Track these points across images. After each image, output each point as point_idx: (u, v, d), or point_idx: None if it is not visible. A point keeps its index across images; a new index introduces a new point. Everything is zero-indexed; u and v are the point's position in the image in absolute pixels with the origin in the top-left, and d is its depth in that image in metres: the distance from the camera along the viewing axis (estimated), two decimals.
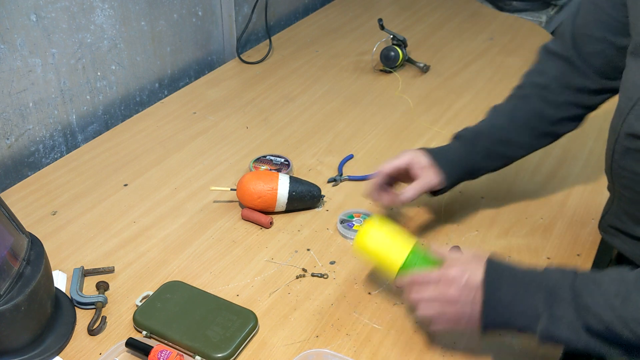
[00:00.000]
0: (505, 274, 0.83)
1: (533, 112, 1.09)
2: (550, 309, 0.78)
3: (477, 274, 0.83)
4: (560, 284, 0.79)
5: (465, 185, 1.29)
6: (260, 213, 1.18)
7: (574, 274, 0.80)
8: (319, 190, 1.22)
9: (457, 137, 1.13)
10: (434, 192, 1.12)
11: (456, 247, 1.00)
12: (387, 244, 0.92)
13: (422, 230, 1.17)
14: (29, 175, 1.33)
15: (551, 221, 1.19)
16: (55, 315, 0.95)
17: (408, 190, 1.07)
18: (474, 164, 1.11)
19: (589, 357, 1.12)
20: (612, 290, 0.75)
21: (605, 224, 1.06)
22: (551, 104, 1.08)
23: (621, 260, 1.10)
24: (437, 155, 1.08)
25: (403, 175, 1.10)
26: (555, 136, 1.13)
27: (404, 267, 0.90)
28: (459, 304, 0.84)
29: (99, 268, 1.07)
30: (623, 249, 1.02)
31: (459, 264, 0.85)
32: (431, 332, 0.95)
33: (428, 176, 1.07)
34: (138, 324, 0.96)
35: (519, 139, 1.10)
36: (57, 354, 0.92)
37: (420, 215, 1.21)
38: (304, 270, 1.08)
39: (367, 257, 0.95)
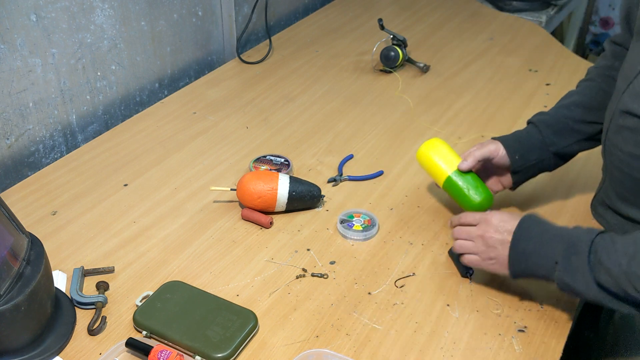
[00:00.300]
0: (535, 228, 0.93)
1: (598, 88, 1.13)
2: (566, 260, 0.87)
3: (512, 223, 0.95)
4: (582, 239, 0.87)
5: None
6: (260, 213, 1.18)
7: (597, 232, 0.87)
8: (319, 190, 1.22)
9: (528, 121, 1.18)
10: (514, 182, 1.16)
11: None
12: (447, 154, 1.15)
13: (422, 230, 1.17)
14: (29, 175, 1.33)
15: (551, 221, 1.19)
16: (55, 315, 0.95)
17: (467, 156, 1.13)
18: (542, 139, 1.12)
19: (588, 357, 1.13)
20: (623, 249, 0.83)
21: (596, 203, 1.09)
22: (614, 80, 1.08)
23: None
24: (505, 136, 1.15)
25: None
26: None
27: (454, 175, 1.13)
28: (490, 242, 0.96)
29: (99, 268, 1.07)
30: (609, 229, 1.04)
31: (501, 213, 0.98)
32: (465, 263, 1.02)
33: (491, 144, 1.13)
34: (138, 324, 0.96)
35: (586, 116, 1.12)
36: (57, 354, 0.92)
37: (420, 214, 1.21)
38: (304, 270, 1.08)
39: (426, 161, 1.17)
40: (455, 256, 1.05)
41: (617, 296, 0.84)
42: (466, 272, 1.04)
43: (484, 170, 1.17)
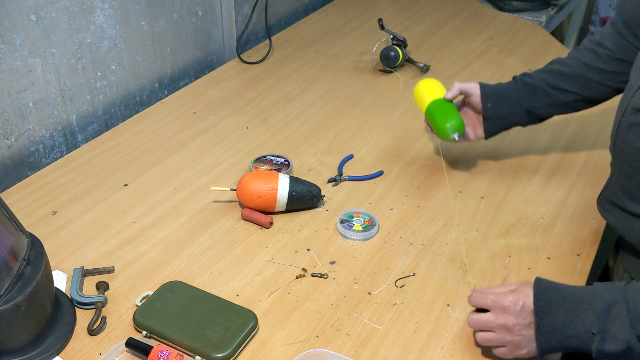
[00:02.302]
0: (555, 299, 0.83)
1: (581, 61, 1.20)
2: (604, 328, 0.79)
3: (528, 300, 0.84)
4: (615, 300, 0.80)
5: (465, 185, 1.29)
6: (260, 213, 1.18)
7: (624, 286, 0.81)
8: (319, 190, 1.22)
9: (512, 78, 1.27)
10: (485, 130, 1.27)
11: None
12: (435, 89, 1.29)
13: (422, 230, 1.17)
14: (29, 175, 1.33)
15: (551, 221, 1.19)
16: (55, 315, 0.95)
17: (451, 87, 1.25)
18: (517, 94, 1.23)
19: (588, 357, 1.12)
20: None
21: (603, 199, 1.08)
22: (600, 57, 1.18)
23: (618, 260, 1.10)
24: (484, 83, 1.27)
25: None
26: (601, 90, 1.20)
27: (434, 103, 1.26)
28: (515, 330, 0.84)
29: (99, 268, 1.07)
30: (615, 225, 1.04)
31: (511, 293, 0.86)
32: (497, 356, 0.90)
33: (470, 83, 1.26)
34: (138, 324, 0.96)
35: (562, 84, 1.21)
36: (57, 354, 0.92)
37: (420, 214, 1.21)
38: (304, 270, 1.08)
39: (417, 94, 1.32)
40: None
41: None
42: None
43: (464, 115, 1.28)
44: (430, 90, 1.29)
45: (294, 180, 1.19)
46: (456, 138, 1.22)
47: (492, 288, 0.89)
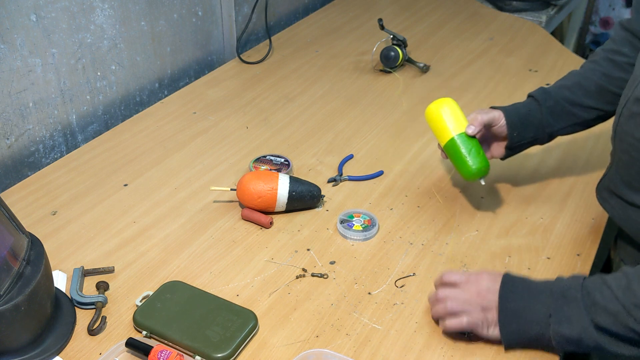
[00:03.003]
0: (518, 286, 0.90)
1: (601, 73, 1.14)
2: (559, 311, 0.85)
3: (496, 285, 0.91)
4: (571, 285, 0.86)
5: (465, 185, 1.29)
6: (260, 213, 1.18)
7: (583, 276, 0.87)
8: (319, 190, 1.22)
9: (529, 95, 1.19)
10: (506, 155, 1.20)
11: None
12: (456, 115, 1.16)
13: (422, 230, 1.17)
14: (29, 175, 1.33)
15: (551, 221, 1.19)
16: (55, 315, 0.95)
17: (477, 114, 1.15)
18: (542, 119, 1.15)
19: (587, 357, 1.13)
20: (615, 283, 0.83)
21: (602, 188, 1.09)
22: (619, 66, 1.12)
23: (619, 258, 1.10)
24: (506, 107, 1.17)
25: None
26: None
27: (457, 138, 1.13)
28: (473, 305, 0.91)
29: (99, 268, 1.07)
30: (612, 213, 1.05)
31: (485, 274, 0.93)
32: (443, 329, 0.95)
33: (494, 111, 1.16)
34: (138, 324, 0.96)
35: (585, 100, 1.15)
36: (57, 354, 0.92)
37: (420, 214, 1.21)
38: (304, 270, 1.08)
39: (434, 118, 1.17)
40: None
41: (618, 336, 0.82)
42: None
43: (481, 137, 1.19)
44: (452, 117, 1.15)
45: (294, 180, 1.19)
46: (482, 183, 1.16)
47: (449, 276, 0.96)
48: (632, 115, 0.95)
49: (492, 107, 1.18)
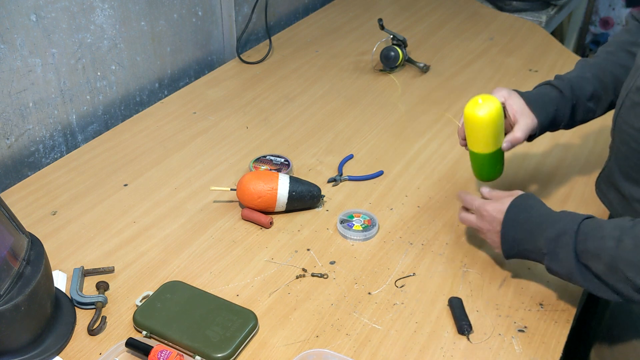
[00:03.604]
0: (521, 217, 0.97)
1: (619, 65, 1.12)
2: (553, 251, 0.91)
3: (502, 214, 0.98)
4: (566, 230, 0.89)
5: (465, 186, 1.29)
6: (260, 213, 1.18)
7: (583, 218, 0.90)
8: (319, 190, 1.22)
9: (550, 83, 1.13)
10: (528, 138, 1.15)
11: None
12: (499, 128, 1.08)
13: (422, 230, 1.17)
14: (29, 175, 1.33)
15: None
16: (55, 315, 0.95)
17: (516, 132, 1.07)
18: (562, 113, 1.12)
19: (587, 356, 1.13)
20: (609, 234, 0.85)
21: (600, 181, 1.09)
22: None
23: None
24: (530, 99, 1.10)
25: None
26: None
27: (491, 153, 1.09)
28: (487, 234, 1.02)
29: (99, 268, 1.07)
30: (610, 207, 1.06)
31: (492, 202, 1.01)
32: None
33: (527, 119, 1.09)
34: (138, 324, 0.96)
35: (605, 95, 1.13)
36: (57, 354, 0.92)
37: (420, 214, 1.21)
38: (304, 270, 1.08)
39: (476, 124, 1.07)
40: (455, 310, 1.00)
41: (606, 284, 0.86)
42: (463, 329, 0.96)
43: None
44: (496, 132, 1.07)
45: (294, 180, 1.19)
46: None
47: (492, 192, 1.06)
48: (633, 105, 0.95)
49: (518, 92, 1.12)
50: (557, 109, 1.11)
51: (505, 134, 1.10)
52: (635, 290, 0.83)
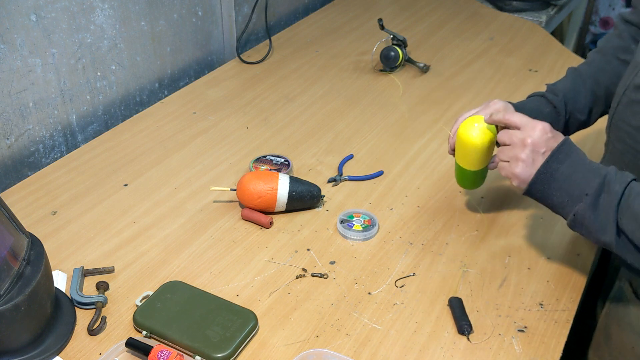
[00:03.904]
0: (575, 154, 0.91)
1: (613, 75, 1.11)
2: (596, 195, 0.86)
3: (555, 140, 0.92)
4: (618, 179, 0.86)
5: None
6: (260, 213, 1.18)
7: (633, 177, 0.87)
8: (319, 190, 1.22)
9: (544, 96, 1.14)
10: None
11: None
12: (489, 151, 1.07)
13: (422, 230, 1.17)
14: (29, 175, 1.33)
15: (551, 221, 1.19)
16: (55, 315, 0.95)
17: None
18: (555, 129, 1.08)
19: (585, 355, 1.13)
20: None
21: None
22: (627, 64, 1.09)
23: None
24: (525, 111, 1.08)
25: None
26: None
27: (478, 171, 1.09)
28: (527, 150, 0.92)
29: (99, 268, 1.07)
30: None
31: (546, 126, 0.93)
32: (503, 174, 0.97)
33: None
34: (138, 324, 0.96)
35: (598, 107, 1.13)
36: (57, 354, 0.92)
37: (420, 214, 1.21)
38: (304, 270, 1.08)
39: (469, 143, 1.06)
40: (455, 310, 0.99)
41: (633, 244, 0.84)
42: (463, 329, 0.96)
43: None
44: (486, 152, 1.08)
45: (294, 180, 1.19)
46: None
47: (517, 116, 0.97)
48: (630, 102, 0.95)
49: (513, 105, 1.10)
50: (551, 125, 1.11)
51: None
52: None
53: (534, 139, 0.92)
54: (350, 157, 1.38)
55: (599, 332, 1.10)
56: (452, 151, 1.13)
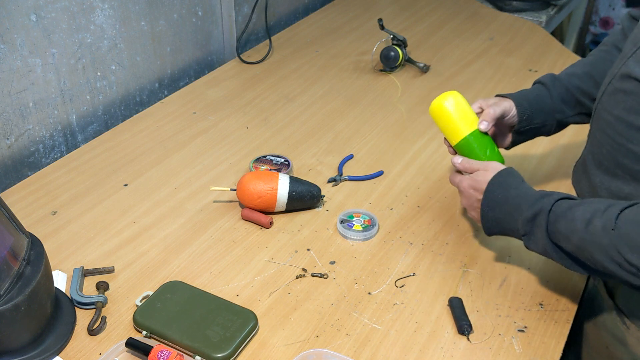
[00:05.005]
0: (500, 197, 0.98)
1: (612, 62, 1.09)
2: (529, 232, 0.93)
3: (481, 190, 1.00)
4: (541, 210, 0.91)
5: None
6: (260, 213, 1.18)
7: (556, 199, 0.91)
8: (319, 190, 1.22)
9: (537, 81, 1.18)
10: (513, 142, 1.18)
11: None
12: (465, 111, 1.10)
13: (422, 230, 1.17)
14: (29, 175, 1.33)
15: None
16: (55, 315, 0.95)
17: (489, 109, 1.10)
18: (552, 104, 1.15)
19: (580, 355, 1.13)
20: (580, 216, 0.86)
21: (575, 170, 1.09)
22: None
23: None
24: (515, 94, 1.16)
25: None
26: None
27: (471, 137, 1.09)
28: (468, 209, 1.05)
29: (99, 268, 1.07)
30: (581, 195, 1.05)
31: (470, 178, 1.03)
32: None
33: (501, 102, 1.13)
34: (138, 324, 0.96)
35: (594, 91, 1.12)
36: (57, 354, 0.92)
37: (420, 214, 1.21)
38: (304, 270, 1.08)
39: (442, 116, 1.10)
40: (455, 310, 1.00)
41: (577, 262, 0.89)
42: (463, 329, 0.96)
43: None
44: (461, 113, 1.09)
45: (294, 180, 1.19)
46: None
47: (463, 163, 1.07)
48: (615, 91, 0.94)
49: (498, 95, 1.16)
50: (537, 95, 1.14)
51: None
52: (603, 271, 0.85)
53: (465, 198, 1.05)
54: (350, 157, 1.38)
55: (574, 331, 1.10)
56: (450, 148, 1.14)
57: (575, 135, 1.45)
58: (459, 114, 1.08)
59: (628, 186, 0.93)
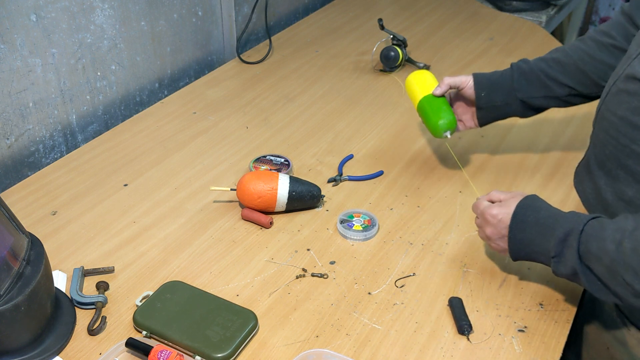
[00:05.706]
0: (530, 218, 0.95)
1: (584, 52, 1.16)
2: (559, 254, 0.90)
3: (507, 216, 0.97)
4: (572, 230, 0.89)
5: (465, 185, 1.29)
6: (260, 213, 1.18)
7: (588, 219, 0.89)
8: (319, 190, 1.22)
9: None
10: (479, 118, 1.25)
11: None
12: (427, 82, 1.29)
13: (422, 230, 1.17)
14: (29, 175, 1.33)
15: None
16: (55, 315, 0.95)
17: (440, 82, 1.25)
18: (511, 83, 1.20)
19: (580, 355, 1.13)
20: (611, 236, 0.84)
21: (578, 171, 1.09)
22: (604, 47, 1.14)
23: None
24: (477, 73, 1.25)
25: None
26: (594, 90, 1.17)
27: (425, 99, 1.26)
28: (493, 239, 1.00)
29: (99, 268, 1.07)
30: (583, 196, 1.06)
31: (497, 206, 0.99)
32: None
33: (459, 76, 1.24)
34: (138, 324, 0.96)
35: (559, 76, 1.18)
36: (57, 354, 0.92)
37: (420, 214, 1.21)
38: (304, 270, 1.08)
39: (409, 87, 1.32)
40: (455, 310, 1.00)
41: (607, 286, 0.86)
42: (463, 329, 0.96)
43: (459, 106, 1.28)
44: (421, 84, 1.28)
45: (294, 180, 1.19)
46: (448, 136, 1.22)
47: (494, 194, 1.04)
48: (619, 92, 0.94)
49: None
50: (500, 74, 1.22)
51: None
52: (633, 295, 0.83)
53: (490, 227, 1.00)
54: (350, 157, 1.38)
55: (575, 331, 1.10)
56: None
57: (575, 135, 1.45)
58: (419, 83, 1.29)
59: (631, 189, 0.93)
